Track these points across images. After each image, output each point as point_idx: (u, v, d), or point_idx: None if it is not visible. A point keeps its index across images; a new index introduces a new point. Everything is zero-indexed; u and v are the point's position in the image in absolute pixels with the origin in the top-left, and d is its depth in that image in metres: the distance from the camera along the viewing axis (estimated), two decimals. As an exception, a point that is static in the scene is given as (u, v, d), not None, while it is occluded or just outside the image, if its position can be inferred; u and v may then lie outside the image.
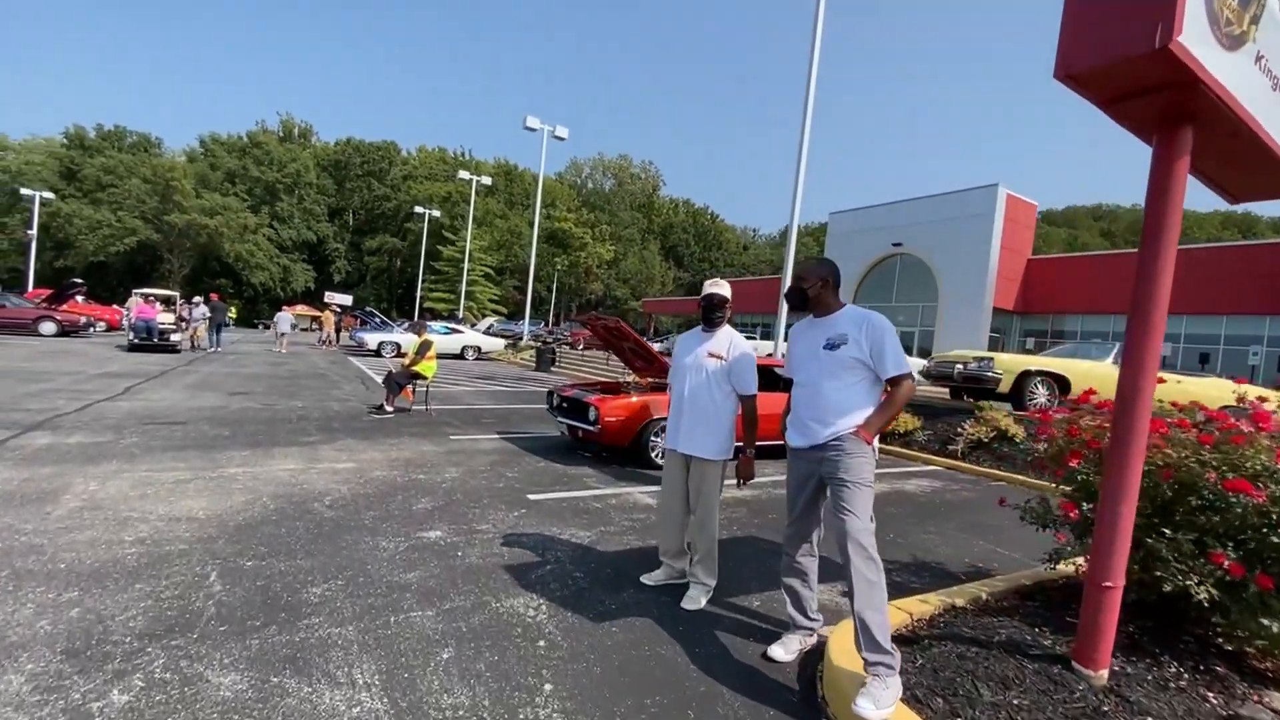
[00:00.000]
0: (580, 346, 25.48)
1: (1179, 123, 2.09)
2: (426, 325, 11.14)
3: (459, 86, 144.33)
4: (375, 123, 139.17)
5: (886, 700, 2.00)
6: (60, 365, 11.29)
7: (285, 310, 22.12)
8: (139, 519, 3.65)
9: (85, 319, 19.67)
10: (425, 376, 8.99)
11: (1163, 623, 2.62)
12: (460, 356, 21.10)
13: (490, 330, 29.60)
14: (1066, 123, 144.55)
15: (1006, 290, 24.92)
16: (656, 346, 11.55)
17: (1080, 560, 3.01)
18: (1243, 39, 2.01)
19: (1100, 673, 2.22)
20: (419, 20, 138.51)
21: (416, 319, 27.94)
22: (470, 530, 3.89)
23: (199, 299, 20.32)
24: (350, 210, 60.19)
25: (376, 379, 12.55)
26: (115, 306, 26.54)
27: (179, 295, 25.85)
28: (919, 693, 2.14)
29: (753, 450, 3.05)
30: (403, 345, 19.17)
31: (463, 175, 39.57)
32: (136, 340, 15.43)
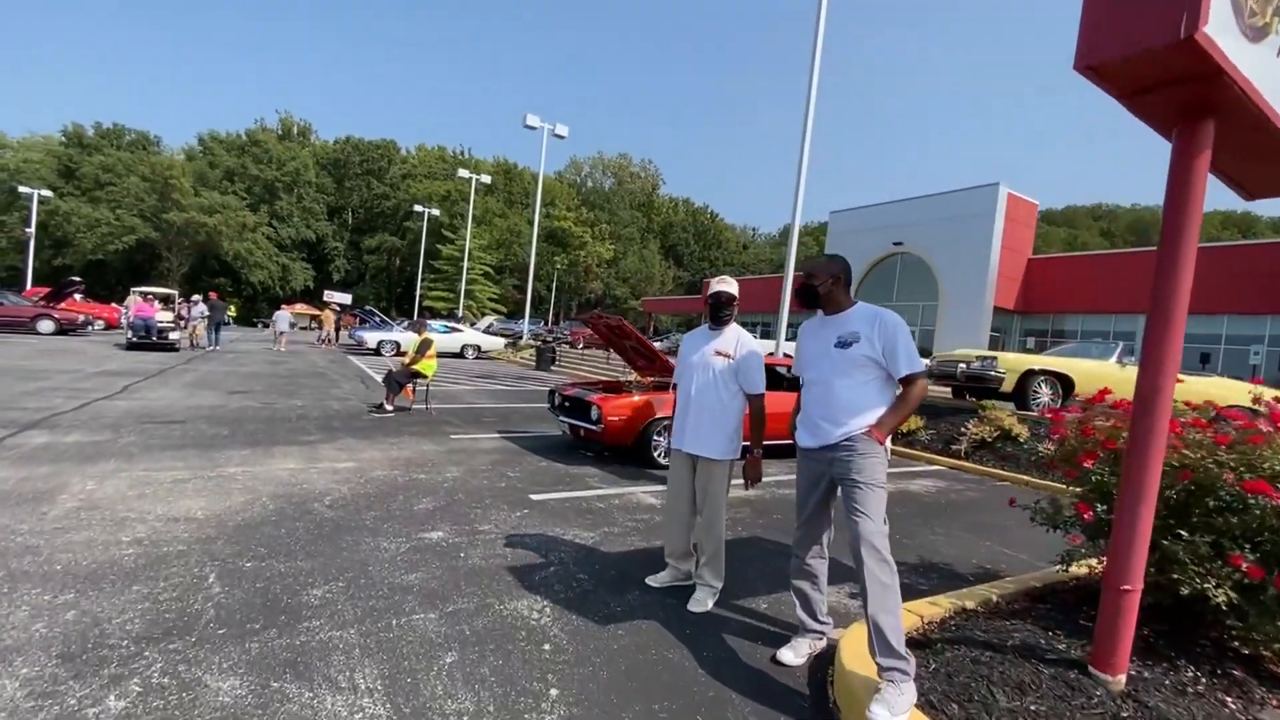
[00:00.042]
0: (580, 345, 25.43)
1: (1200, 116, 2.05)
2: (426, 324, 11.09)
3: (459, 86, 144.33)
4: (374, 121, 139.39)
5: (902, 706, 1.95)
6: (58, 363, 11.23)
7: (284, 309, 22.02)
8: (137, 519, 3.60)
9: (83, 317, 19.63)
10: (425, 375, 8.95)
11: (1177, 626, 2.58)
12: (460, 355, 21.06)
13: (490, 329, 29.54)
14: (1066, 123, 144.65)
15: (1007, 290, 24.91)
16: (657, 345, 11.50)
17: (1093, 562, 2.97)
18: (1266, 30, 1.97)
19: (1118, 677, 2.18)
20: (419, 19, 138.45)
21: (416, 318, 27.90)
22: (472, 531, 3.85)
23: (198, 297, 20.30)
24: (349, 209, 60.09)
25: (376, 378, 12.50)
26: (114, 305, 26.47)
27: (178, 294, 25.72)
28: (933, 698, 2.10)
29: (760, 450, 3.00)
30: (402, 344, 19.12)
31: (462, 174, 39.37)
32: (135, 339, 15.36)
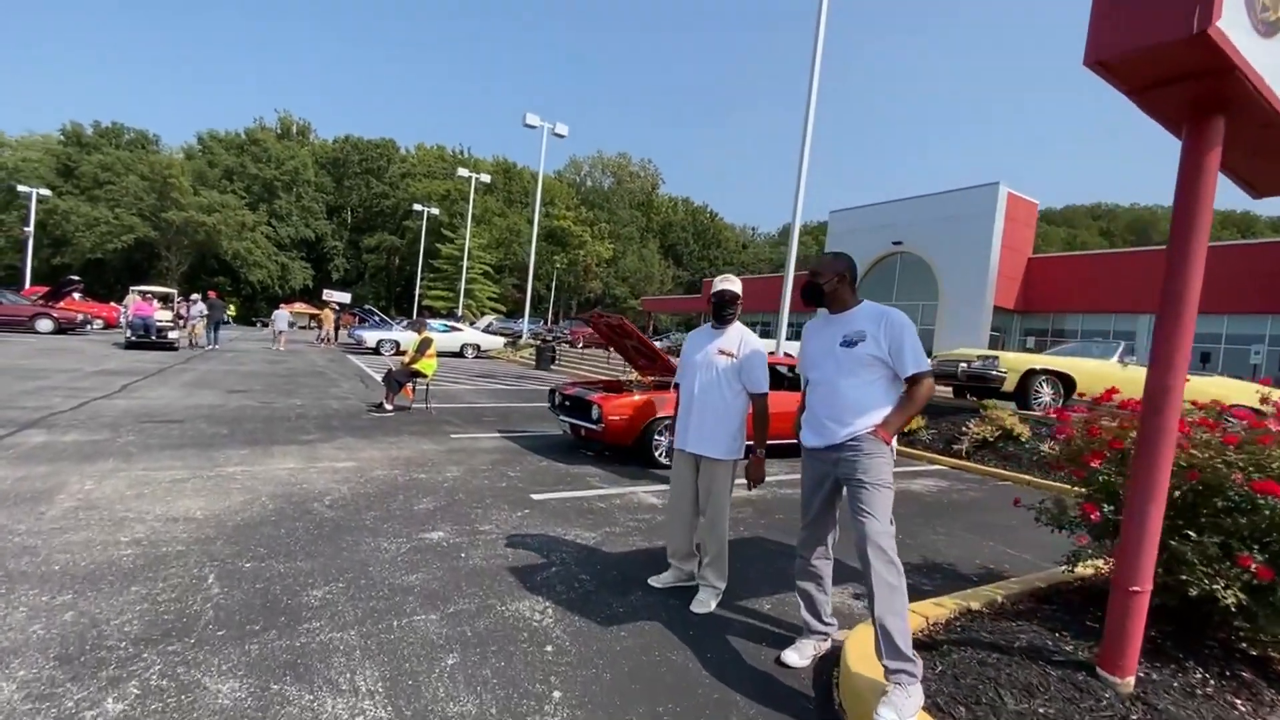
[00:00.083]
0: (580, 345, 25.40)
1: (1211, 112, 2.02)
2: (426, 323, 11.06)
3: (459, 86, 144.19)
4: (374, 120, 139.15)
5: (909, 709, 1.93)
6: (57, 363, 11.19)
7: (283, 308, 22.02)
8: (135, 519, 3.58)
9: (82, 316, 19.63)
10: (425, 374, 8.92)
11: (1184, 627, 2.56)
12: (460, 354, 21.03)
13: (489, 328, 29.50)
14: (1066, 122, 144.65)
15: (1007, 289, 24.89)
16: (657, 345, 11.48)
17: (1099, 563, 2.95)
18: (1278, 25, 1.95)
19: (1126, 680, 2.15)
20: (419, 19, 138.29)
21: (415, 317, 27.84)
22: (473, 531, 3.82)
23: (197, 296, 20.24)
24: (348, 208, 60.03)
25: (376, 377, 12.47)
26: (112, 304, 26.45)
27: (177, 293, 25.64)
28: (941, 701, 2.07)
29: (764, 450, 2.98)
30: (401, 343, 19.09)
31: (461, 173, 39.30)
32: (134, 338, 15.33)
